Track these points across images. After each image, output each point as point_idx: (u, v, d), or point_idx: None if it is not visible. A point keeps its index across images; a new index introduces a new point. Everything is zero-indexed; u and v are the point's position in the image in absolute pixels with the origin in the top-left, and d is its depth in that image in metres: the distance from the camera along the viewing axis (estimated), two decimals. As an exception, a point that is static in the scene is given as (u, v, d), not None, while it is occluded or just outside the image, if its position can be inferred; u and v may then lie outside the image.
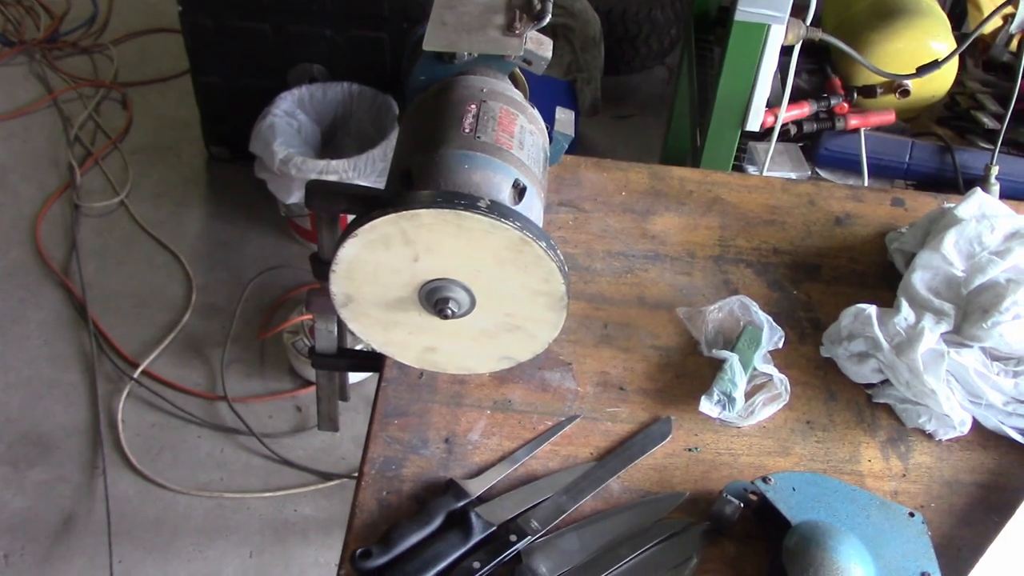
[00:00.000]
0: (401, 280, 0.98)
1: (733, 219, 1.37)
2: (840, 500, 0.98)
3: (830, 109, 1.75)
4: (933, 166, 1.74)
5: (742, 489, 0.99)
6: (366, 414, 1.13)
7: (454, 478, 1.01)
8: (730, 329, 1.18)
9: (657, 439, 1.07)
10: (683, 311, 1.21)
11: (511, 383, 1.13)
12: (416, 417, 1.09)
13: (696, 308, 1.20)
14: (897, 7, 1.79)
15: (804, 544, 0.91)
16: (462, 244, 0.94)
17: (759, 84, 1.59)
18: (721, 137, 1.67)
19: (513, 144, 1.02)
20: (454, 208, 0.91)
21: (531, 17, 1.04)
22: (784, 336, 1.17)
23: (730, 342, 1.16)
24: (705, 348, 1.17)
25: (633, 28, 3.11)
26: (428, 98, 1.08)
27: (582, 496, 1.01)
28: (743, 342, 1.15)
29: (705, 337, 1.18)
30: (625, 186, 1.40)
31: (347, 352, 1.28)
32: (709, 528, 0.99)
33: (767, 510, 0.97)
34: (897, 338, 1.12)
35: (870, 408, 1.14)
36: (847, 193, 1.43)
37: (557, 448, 1.07)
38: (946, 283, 1.18)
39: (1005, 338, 1.11)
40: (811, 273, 1.30)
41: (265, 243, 2.70)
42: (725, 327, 1.18)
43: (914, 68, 1.70)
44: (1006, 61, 1.89)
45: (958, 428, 1.10)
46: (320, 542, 2.06)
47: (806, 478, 1.01)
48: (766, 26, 1.52)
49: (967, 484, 1.08)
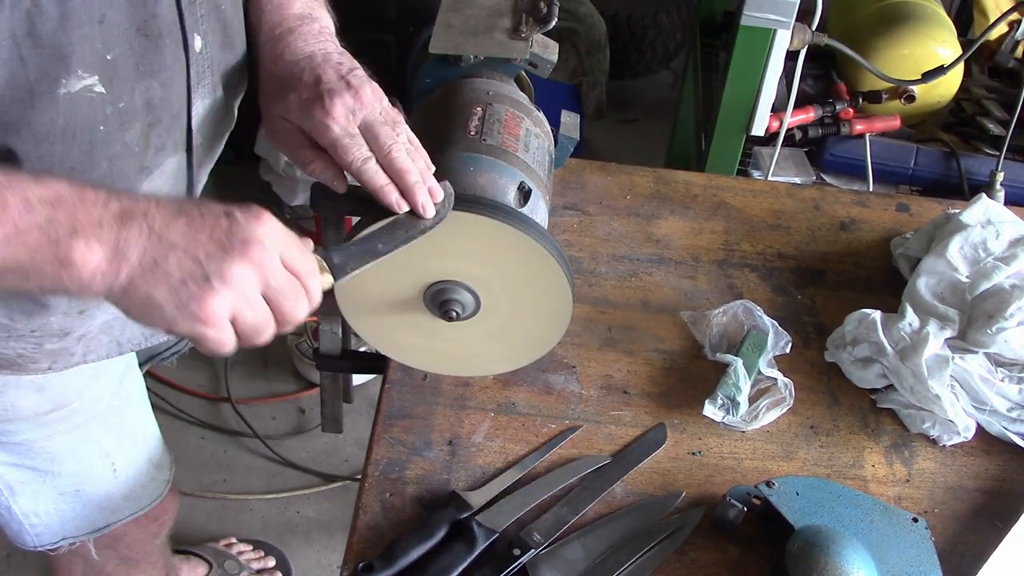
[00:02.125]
0: (406, 282, 0.98)
1: (738, 223, 1.37)
2: (844, 505, 0.98)
3: (835, 114, 1.75)
4: (938, 172, 1.73)
5: (745, 493, 0.99)
6: (369, 416, 1.13)
7: (456, 490, 1.01)
8: (734, 333, 1.18)
9: (652, 447, 1.07)
10: (687, 315, 1.21)
11: (515, 386, 1.13)
12: (420, 419, 1.09)
13: (700, 312, 1.20)
14: (903, 13, 1.79)
15: (807, 548, 0.91)
16: (467, 246, 0.94)
17: (764, 89, 1.59)
18: (726, 141, 1.67)
19: (518, 147, 1.02)
20: (460, 211, 0.91)
21: (537, 20, 1.05)
22: (791, 340, 1.17)
23: (734, 346, 1.16)
24: (709, 352, 1.17)
25: (638, 32, 3.11)
26: (434, 101, 1.08)
27: (584, 506, 1.01)
28: (747, 346, 1.15)
29: (709, 341, 1.18)
30: (630, 190, 1.40)
31: (351, 354, 1.28)
32: (705, 518, 1.00)
33: (770, 514, 0.97)
34: (901, 343, 1.12)
35: (874, 413, 1.14)
36: (852, 198, 1.43)
37: (560, 451, 1.07)
38: (951, 289, 1.18)
39: (1010, 344, 1.10)
40: (816, 278, 1.30)
41: (270, 245, 2.70)
42: (729, 331, 1.18)
43: (920, 74, 1.70)
44: (1012, 67, 1.89)
45: (962, 434, 1.10)
46: (323, 544, 2.06)
47: (810, 483, 1.00)
48: (772, 31, 1.52)
49: (971, 490, 1.07)
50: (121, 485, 1.25)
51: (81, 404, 1.09)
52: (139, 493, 1.28)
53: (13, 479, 1.15)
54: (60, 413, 1.08)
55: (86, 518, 1.24)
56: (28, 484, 1.16)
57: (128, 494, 1.26)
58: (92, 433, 1.16)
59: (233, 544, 1.94)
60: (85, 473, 1.20)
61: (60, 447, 1.14)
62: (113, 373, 1.12)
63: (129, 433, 1.23)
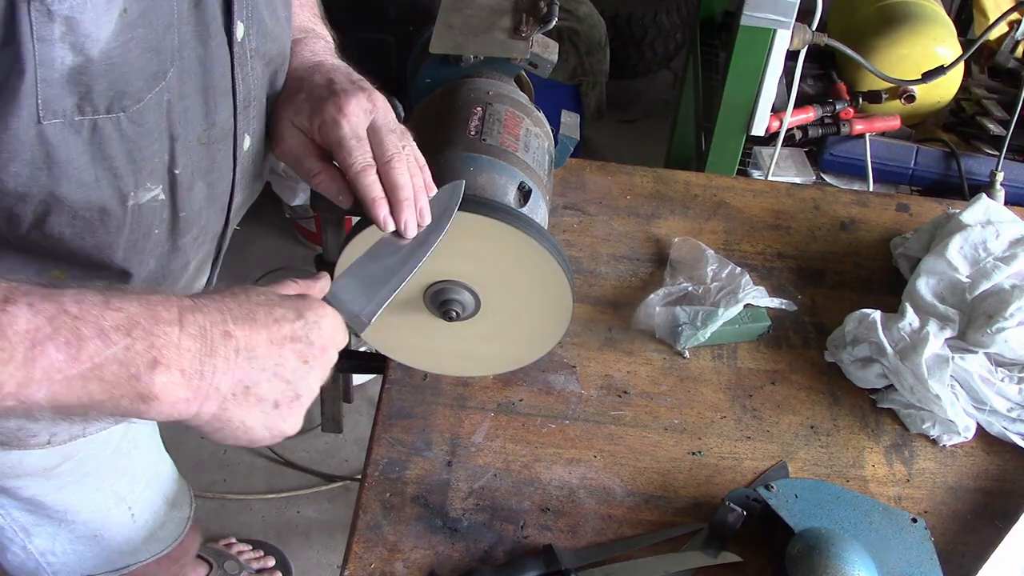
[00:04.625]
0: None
1: (738, 223, 1.37)
2: (843, 507, 0.98)
3: (835, 114, 1.75)
4: (938, 172, 1.74)
5: (744, 496, 0.99)
6: (369, 416, 1.14)
7: (553, 544, 0.98)
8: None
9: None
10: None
11: (515, 385, 1.13)
12: (420, 419, 1.09)
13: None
14: (903, 13, 1.79)
15: (808, 552, 0.91)
16: (468, 246, 0.94)
17: (764, 89, 1.59)
18: (726, 141, 1.67)
19: (518, 147, 1.02)
20: (460, 211, 0.91)
21: (537, 20, 1.05)
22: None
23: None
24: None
25: (638, 32, 3.11)
26: (434, 100, 1.08)
27: None
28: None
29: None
30: (630, 190, 1.40)
31: (351, 353, 1.28)
32: (709, 536, 0.99)
33: (770, 517, 0.97)
34: (901, 343, 1.12)
35: (874, 413, 1.14)
36: (852, 198, 1.43)
37: (560, 451, 1.07)
38: (951, 289, 1.18)
39: (1010, 344, 1.10)
40: (816, 278, 1.30)
41: (270, 245, 2.70)
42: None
43: (920, 74, 1.70)
44: (1012, 67, 1.89)
45: (962, 434, 1.10)
46: (322, 544, 2.06)
47: (808, 485, 1.00)
48: (772, 31, 1.52)
49: (971, 490, 1.07)
50: (140, 529, 1.23)
51: (88, 452, 1.06)
52: (159, 535, 1.26)
53: (28, 522, 1.13)
54: (67, 465, 1.05)
55: (106, 560, 1.22)
56: (44, 527, 1.14)
57: (148, 537, 1.25)
58: (104, 480, 1.14)
59: (233, 544, 1.94)
60: (101, 520, 1.18)
61: (72, 499, 1.11)
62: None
63: (141, 474, 1.21)
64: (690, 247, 1.27)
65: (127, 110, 0.69)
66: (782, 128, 1.68)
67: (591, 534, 1.00)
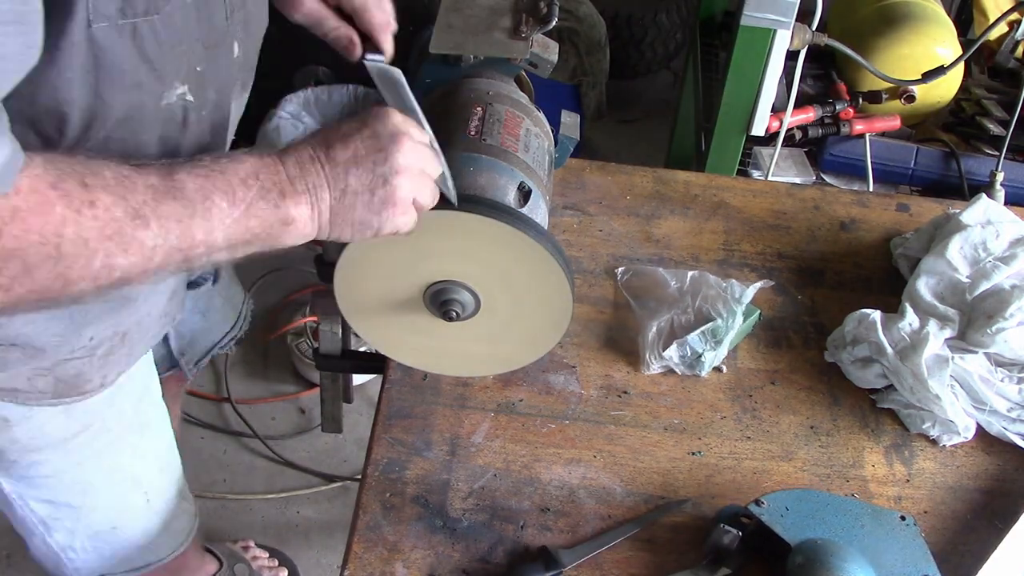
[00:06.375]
0: (406, 282, 0.99)
1: (738, 223, 1.37)
2: (833, 513, 0.98)
3: (835, 114, 1.75)
4: (938, 172, 1.74)
5: (735, 514, 0.99)
6: (369, 416, 1.14)
7: (548, 546, 0.98)
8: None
9: None
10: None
11: (515, 386, 1.13)
12: (420, 419, 1.09)
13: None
14: (903, 13, 1.79)
15: (808, 565, 0.91)
16: (468, 246, 0.94)
17: (764, 89, 1.59)
18: (726, 142, 1.67)
19: (518, 147, 1.02)
20: (459, 210, 0.91)
21: (537, 20, 1.05)
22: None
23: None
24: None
25: (638, 32, 3.11)
26: (434, 100, 1.08)
27: None
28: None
29: None
30: (630, 190, 1.40)
31: (351, 354, 1.28)
32: (708, 561, 0.98)
33: (764, 532, 0.96)
34: (901, 343, 1.12)
35: (874, 413, 1.14)
36: (852, 198, 1.43)
37: (560, 451, 1.07)
38: (951, 289, 1.18)
39: (1009, 344, 1.10)
40: (815, 278, 1.30)
41: (270, 245, 2.70)
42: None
43: (920, 74, 1.70)
44: (1012, 67, 1.89)
45: (962, 434, 1.10)
46: (322, 544, 2.06)
47: (797, 495, 1.00)
48: (772, 31, 1.52)
49: (970, 490, 1.07)
50: (156, 517, 1.26)
51: (104, 423, 1.10)
52: (174, 526, 1.29)
53: (47, 515, 1.16)
54: (85, 436, 1.09)
55: (124, 558, 1.25)
56: (63, 521, 1.17)
57: (164, 527, 1.27)
58: (120, 457, 1.17)
59: (250, 547, 1.93)
60: (120, 506, 1.21)
61: (90, 475, 1.15)
62: (130, 392, 1.13)
63: (154, 459, 1.25)
64: (639, 278, 1.25)
65: (160, 11, 0.77)
66: (782, 128, 1.68)
67: (591, 534, 1.00)
